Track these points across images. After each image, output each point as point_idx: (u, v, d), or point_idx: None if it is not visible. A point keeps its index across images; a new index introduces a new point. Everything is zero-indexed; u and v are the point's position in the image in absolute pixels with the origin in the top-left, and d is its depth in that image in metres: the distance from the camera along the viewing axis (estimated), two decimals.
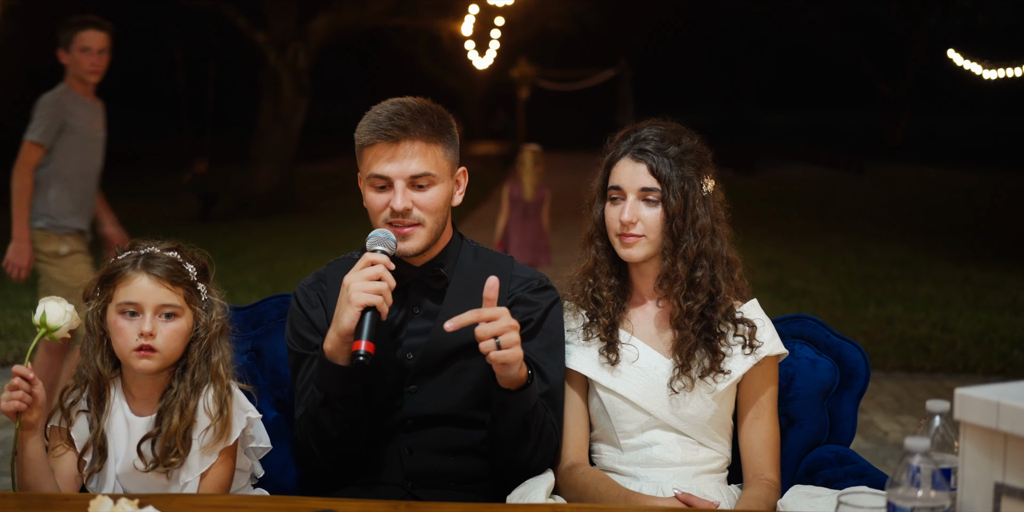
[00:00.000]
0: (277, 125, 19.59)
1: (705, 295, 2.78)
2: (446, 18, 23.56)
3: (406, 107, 2.73)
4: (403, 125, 2.68)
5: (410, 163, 2.68)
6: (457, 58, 36.94)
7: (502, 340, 2.45)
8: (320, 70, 28.30)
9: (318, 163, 30.63)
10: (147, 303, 2.61)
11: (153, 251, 2.67)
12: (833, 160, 32.47)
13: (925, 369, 7.95)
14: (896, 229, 16.74)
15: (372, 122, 2.71)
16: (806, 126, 49.00)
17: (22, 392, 2.51)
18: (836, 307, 10.18)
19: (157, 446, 2.63)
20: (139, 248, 2.69)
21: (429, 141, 2.71)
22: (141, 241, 2.73)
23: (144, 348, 2.60)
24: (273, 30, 19.34)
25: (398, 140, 2.68)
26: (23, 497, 2.42)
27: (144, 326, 2.60)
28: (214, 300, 2.74)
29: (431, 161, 2.71)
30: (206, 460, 2.67)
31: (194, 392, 2.67)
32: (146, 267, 2.62)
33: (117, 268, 2.64)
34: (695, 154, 2.82)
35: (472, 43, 30.34)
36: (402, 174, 2.68)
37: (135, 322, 2.61)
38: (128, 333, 2.61)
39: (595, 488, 2.70)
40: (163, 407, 2.66)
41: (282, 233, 16.17)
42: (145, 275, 2.62)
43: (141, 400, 2.71)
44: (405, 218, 2.70)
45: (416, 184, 2.70)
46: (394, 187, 2.69)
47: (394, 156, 2.68)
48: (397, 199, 2.68)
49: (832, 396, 3.03)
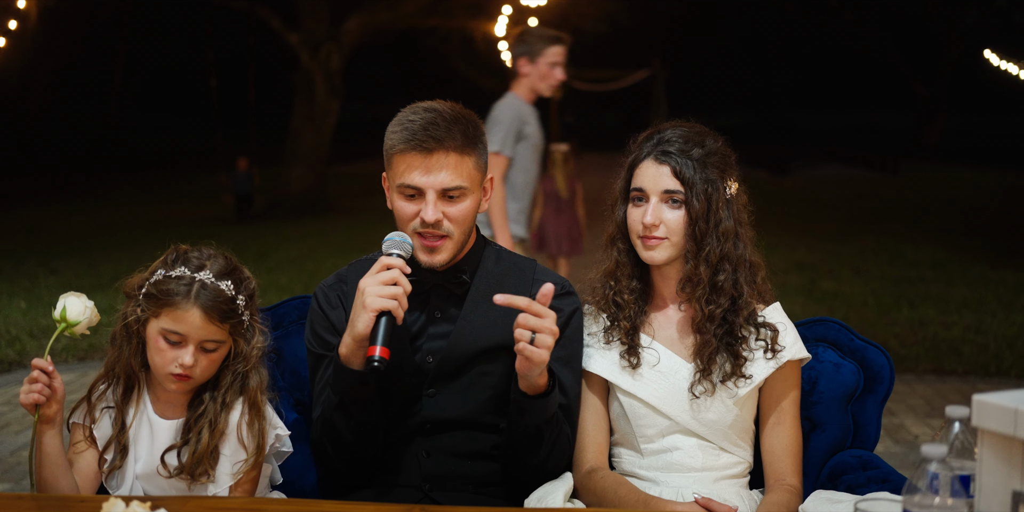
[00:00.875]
0: (310, 126, 19.68)
1: (727, 299, 2.76)
2: (479, 19, 23.51)
3: (441, 116, 2.68)
4: (438, 136, 2.64)
5: (443, 176, 2.65)
6: (491, 59, 36.92)
7: (538, 338, 2.44)
8: (353, 71, 28.37)
9: (351, 164, 30.78)
10: (192, 337, 2.58)
11: (207, 281, 2.59)
12: (868, 161, 32.28)
13: (957, 372, 7.87)
14: (931, 230, 16.60)
15: (406, 130, 2.66)
16: (841, 127, 48.75)
17: (41, 385, 2.51)
18: (868, 309, 10.10)
19: (184, 458, 2.63)
20: (191, 263, 2.62)
21: (463, 152, 2.67)
22: (192, 249, 2.68)
23: (180, 376, 2.59)
24: (306, 31, 19.43)
25: (432, 151, 2.64)
26: (39, 498, 2.42)
27: (185, 358, 2.57)
28: (256, 327, 2.72)
29: (464, 173, 2.68)
30: (235, 475, 2.67)
31: (224, 410, 2.66)
32: (198, 300, 2.56)
33: (170, 292, 2.57)
34: (719, 156, 2.79)
35: (505, 44, 30.32)
36: (434, 186, 2.65)
37: (176, 351, 2.58)
38: (167, 358, 2.58)
39: (614, 492, 2.68)
40: (192, 421, 2.65)
41: (314, 234, 16.23)
42: (198, 310, 2.56)
43: (166, 403, 2.71)
44: (436, 230, 2.67)
45: (447, 195, 2.67)
46: (425, 198, 2.66)
47: (428, 168, 2.64)
48: (428, 211, 2.65)
49: (856, 400, 3.00)
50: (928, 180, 27.01)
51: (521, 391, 2.58)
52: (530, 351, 2.44)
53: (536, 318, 2.45)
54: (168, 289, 2.57)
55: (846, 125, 49.49)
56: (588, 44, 39.44)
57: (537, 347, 2.45)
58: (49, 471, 2.57)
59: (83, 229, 16.89)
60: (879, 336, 8.71)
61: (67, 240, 15.39)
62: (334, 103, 19.73)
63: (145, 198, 22.22)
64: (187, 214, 18.95)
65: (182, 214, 18.97)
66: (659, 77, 40.55)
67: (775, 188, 24.43)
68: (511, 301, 2.44)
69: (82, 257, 12.97)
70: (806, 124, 51.37)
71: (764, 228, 2.91)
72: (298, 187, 19.86)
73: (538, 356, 2.46)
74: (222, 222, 17.95)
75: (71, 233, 16.41)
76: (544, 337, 2.45)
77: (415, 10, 20.41)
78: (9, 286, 10.80)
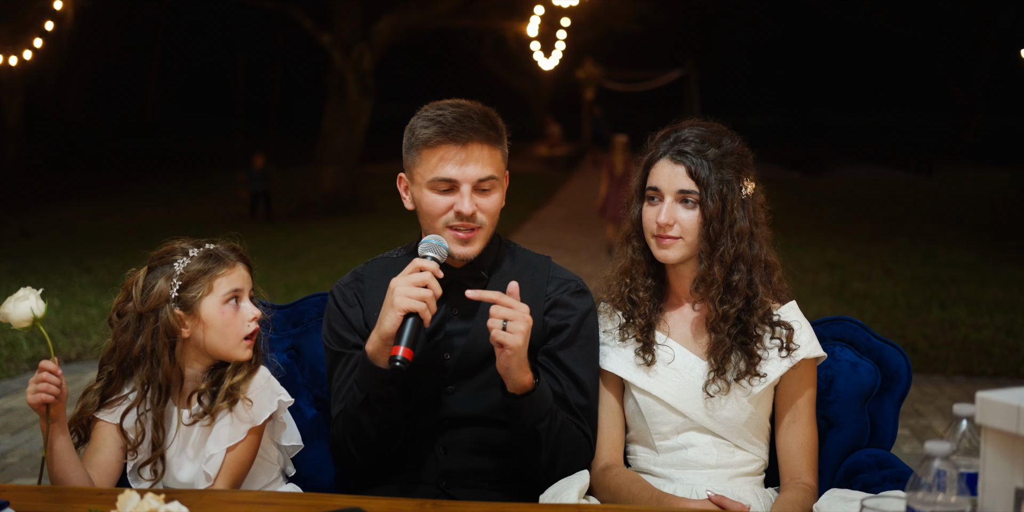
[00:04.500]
0: (342, 126, 19.76)
1: (742, 299, 2.76)
2: (511, 19, 23.55)
3: (471, 110, 2.73)
4: (473, 127, 2.69)
5: (478, 167, 2.69)
6: (523, 59, 36.96)
7: (509, 324, 2.50)
8: (386, 71, 28.47)
9: (383, 164, 30.79)
10: (245, 289, 2.75)
11: (218, 246, 2.78)
12: (902, 161, 32.06)
13: (987, 373, 7.82)
14: (964, 231, 16.48)
15: (438, 124, 2.70)
16: (877, 128, 48.42)
17: (47, 385, 2.55)
18: (898, 310, 10.04)
19: (203, 399, 2.72)
20: (187, 249, 2.74)
21: (493, 145, 2.73)
22: (186, 240, 2.78)
23: (252, 335, 2.72)
24: (338, 31, 19.52)
25: (466, 143, 2.68)
26: (57, 491, 2.47)
27: (253, 310, 2.73)
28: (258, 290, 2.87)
29: (496, 166, 2.73)
30: (234, 434, 2.70)
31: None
32: (232, 256, 2.74)
33: (208, 264, 2.70)
34: (735, 156, 2.79)
35: (538, 44, 30.32)
36: (470, 178, 2.69)
37: (241, 310, 2.72)
38: (240, 320, 2.71)
39: (628, 490, 2.70)
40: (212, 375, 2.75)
41: (345, 233, 16.30)
42: (239, 263, 2.75)
43: (185, 392, 2.76)
44: (471, 222, 2.71)
45: (481, 188, 2.71)
46: (460, 191, 2.69)
47: (464, 160, 2.69)
48: (464, 203, 2.68)
49: (873, 399, 3.00)
50: (963, 181, 26.79)
51: (509, 393, 2.62)
52: (502, 336, 2.50)
53: (507, 308, 2.51)
54: (208, 263, 2.71)
55: (881, 125, 49.14)
56: (620, 44, 39.46)
57: (510, 332, 2.50)
58: (59, 467, 2.61)
59: (118, 228, 17.03)
60: (908, 337, 8.67)
61: (102, 239, 15.52)
62: (366, 103, 19.81)
63: (180, 197, 22.36)
64: (220, 213, 19.04)
65: (215, 213, 19.07)
66: (692, 77, 40.45)
67: (808, 188, 24.32)
68: (482, 295, 2.54)
69: (116, 256, 13.08)
70: (841, 124, 51.06)
71: (795, 228, 2.92)
72: (330, 187, 19.95)
73: (511, 340, 2.50)
74: (255, 221, 18.03)
75: (106, 232, 16.55)
76: (516, 323, 2.51)
77: (447, 10, 20.46)
78: (44, 284, 10.86)
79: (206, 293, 2.68)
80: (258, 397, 2.72)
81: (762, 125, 42.78)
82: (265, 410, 2.73)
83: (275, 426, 2.83)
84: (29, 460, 5.86)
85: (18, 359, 7.92)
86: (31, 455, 5.94)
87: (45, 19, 16.66)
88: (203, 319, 2.68)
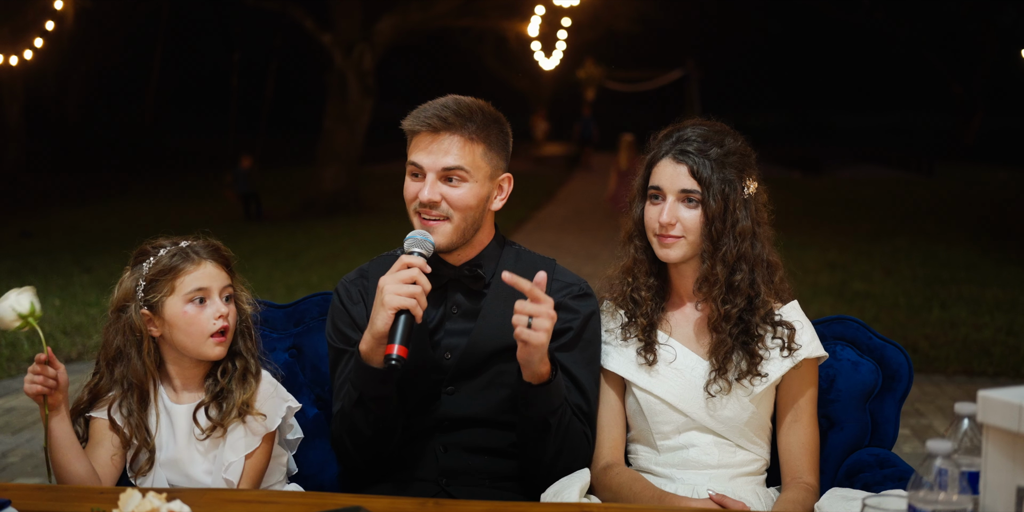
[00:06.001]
0: (343, 126, 19.76)
1: (744, 299, 2.76)
2: (512, 19, 23.52)
3: (457, 103, 2.75)
4: (446, 117, 2.71)
5: (445, 156, 2.70)
6: (524, 59, 36.92)
7: (535, 321, 2.48)
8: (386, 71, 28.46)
9: (383, 164, 30.77)
10: (215, 287, 2.72)
11: (192, 243, 2.76)
12: (903, 161, 32.06)
13: (988, 373, 7.82)
14: (965, 231, 16.47)
15: (419, 111, 2.75)
16: (878, 128, 48.38)
17: (42, 377, 2.57)
18: (899, 310, 10.04)
19: (212, 413, 2.71)
20: (165, 246, 2.75)
21: (471, 138, 2.73)
22: (165, 238, 2.79)
23: (220, 332, 2.69)
24: (339, 31, 19.52)
25: (438, 131, 2.71)
26: (60, 490, 2.48)
27: (220, 308, 2.70)
28: (244, 286, 2.85)
29: (466, 158, 2.72)
30: (250, 443, 2.72)
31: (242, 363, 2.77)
32: (203, 254, 2.72)
33: (174, 262, 2.69)
34: (738, 156, 2.79)
35: (538, 44, 30.30)
36: (434, 166, 2.71)
37: (207, 308, 2.69)
38: (203, 319, 2.69)
39: (629, 489, 2.70)
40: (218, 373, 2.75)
41: (346, 233, 16.29)
42: (208, 261, 2.72)
43: (182, 390, 2.78)
44: (432, 210, 2.72)
45: (447, 177, 2.72)
46: (425, 177, 2.72)
47: (431, 147, 2.71)
48: (425, 190, 2.71)
49: (874, 398, 3.00)
50: (964, 181, 26.77)
51: (526, 381, 2.61)
52: (527, 334, 2.48)
53: (533, 304, 2.48)
54: (172, 262, 2.70)
55: (882, 126, 49.10)
56: (621, 44, 39.43)
57: (535, 330, 2.48)
58: (60, 455, 2.63)
59: (118, 228, 17.01)
60: (909, 337, 8.66)
61: (102, 239, 15.51)
62: (367, 103, 19.80)
63: (180, 197, 22.35)
64: (220, 213, 19.03)
65: (215, 213, 19.05)
66: (693, 77, 40.43)
67: (809, 188, 24.31)
68: (516, 281, 2.48)
69: (116, 256, 13.04)
70: (842, 124, 51.02)
71: (797, 228, 2.92)
72: (331, 187, 19.94)
73: (535, 339, 2.49)
74: (255, 221, 18.03)
75: (106, 232, 16.54)
76: (541, 320, 2.49)
77: (447, 10, 20.44)
78: (44, 283, 10.91)
79: (168, 293, 2.69)
80: (269, 408, 2.75)
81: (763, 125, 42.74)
82: (276, 417, 2.76)
83: (283, 427, 2.84)
84: (30, 459, 5.86)
85: (19, 359, 7.92)
86: (32, 455, 5.94)
87: (45, 19, 16.67)
88: (167, 319, 2.70)
